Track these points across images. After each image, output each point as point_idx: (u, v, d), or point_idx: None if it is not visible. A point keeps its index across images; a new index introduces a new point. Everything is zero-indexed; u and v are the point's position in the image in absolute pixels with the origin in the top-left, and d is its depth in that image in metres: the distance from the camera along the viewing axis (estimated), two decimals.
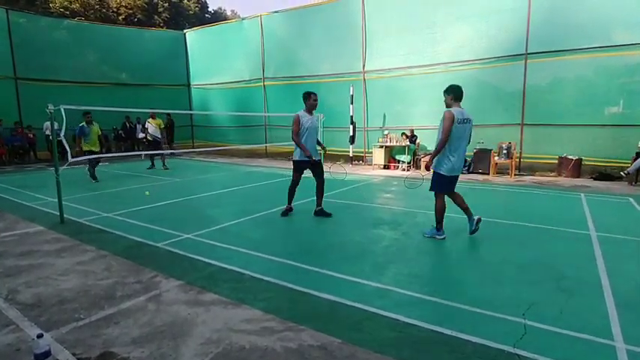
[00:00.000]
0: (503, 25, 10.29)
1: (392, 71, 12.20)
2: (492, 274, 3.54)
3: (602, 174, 9.14)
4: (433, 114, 11.70)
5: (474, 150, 10.34)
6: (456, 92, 4.52)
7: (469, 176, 9.91)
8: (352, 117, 12.02)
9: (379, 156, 11.74)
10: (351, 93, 12.04)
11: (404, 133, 11.49)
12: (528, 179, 9.37)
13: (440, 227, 4.61)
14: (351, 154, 12.71)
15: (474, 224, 4.57)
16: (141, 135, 13.47)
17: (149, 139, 11.11)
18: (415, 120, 11.86)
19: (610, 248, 4.21)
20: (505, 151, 9.65)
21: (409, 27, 11.69)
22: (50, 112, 5.19)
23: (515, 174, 9.89)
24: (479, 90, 10.97)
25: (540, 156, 10.31)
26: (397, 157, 11.76)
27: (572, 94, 9.76)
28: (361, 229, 5.03)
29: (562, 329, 2.56)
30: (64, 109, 5.35)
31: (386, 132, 12.09)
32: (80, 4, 28.10)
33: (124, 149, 14.70)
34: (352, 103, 12.05)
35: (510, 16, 10.15)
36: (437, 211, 4.58)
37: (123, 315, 2.82)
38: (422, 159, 11.12)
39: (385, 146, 11.58)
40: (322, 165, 5.82)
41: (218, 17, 36.47)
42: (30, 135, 13.64)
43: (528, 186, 8.39)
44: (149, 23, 29.59)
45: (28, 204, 6.68)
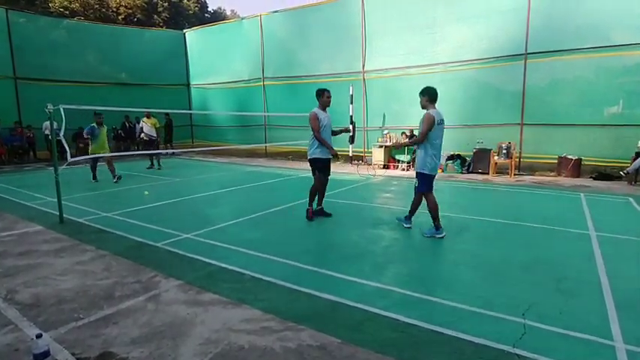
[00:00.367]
0: (502, 26, 10.28)
1: (391, 71, 12.19)
2: (492, 274, 3.53)
3: (601, 174, 9.14)
4: None
5: (474, 150, 10.34)
6: (432, 94, 4.64)
7: (469, 176, 9.92)
8: (352, 117, 12.02)
9: (379, 156, 11.74)
10: (351, 93, 12.03)
11: (404, 133, 11.48)
12: (528, 179, 9.37)
13: (438, 225, 4.66)
14: (351, 154, 12.71)
15: (407, 223, 5.01)
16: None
17: (145, 139, 11.14)
18: (415, 120, 11.73)
19: (610, 248, 4.21)
20: (505, 151, 9.65)
21: (409, 27, 11.68)
22: (49, 112, 5.18)
23: (514, 174, 9.88)
24: (478, 90, 10.99)
25: (540, 156, 10.31)
26: (397, 157, 11.76)
27: (571, 94, 9.76)
28: (361, 229, 5.03)
29: (562, 329, 2.56)
30: (64, 109, 5.34)
31: (385, 131, 12.09)
32: (80, 4, 28.07)
33: (124, 149, 14.68)
34: (352, 103, 12.05)
35: (510, 17, 10.15)
36: (431, 209, 4.67)
37: (122, 315, 2.82)
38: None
39: (385, 146, 11.58)
40: (330, 165, 5.69)
41: (218, 17, 36.46)
42: (29, 135, 13.63)
43: (528, 186, 8.39)
44: (149, 23, 29.57)
45: (28, 204, 6.67)
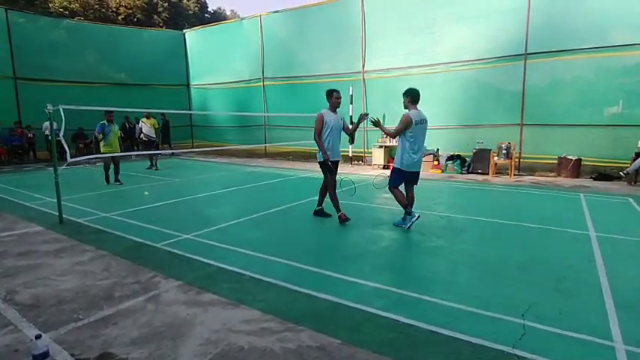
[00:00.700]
0: (502, 26, 10.29)
1: (391, 71, 12.19)
2: (491, 275, 3.54)
3: (601, 174, 9.15)
4: (433, 114, 11.67)
5: (474, 150, 10.35)
6: (413, 95, 4.85)
7: (468, 176, 9.92)
8: (352, 117, 12.01)
9: (379, 156, 11.74)
10: (351, 93, 12.04)
11: None
12: (528, 179, 9.37)
13: (409, 211, 4.94)
14: (351, 154, 12.71)
15: (409, 222, 4.94)
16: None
17: (143, 139, 11.14)
18: None
19: (609, 248, 4.21)
20: (504, 151, 9.65)
21: (409, 27, 11.69)
22: (49, 113, 5.18)
23: (514, 174, 9.89)
24: (478, 90, 10.99)
25: (540, 156, 10.31)
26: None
27: (571, 95, 9.77)
28: (360, 230, 5.03)
29: (561, 330, 2.56)
30: (63, 109, 5.34)
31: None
32: (79, 4, 28.07)
33: (125, 149, 14.66)
34: (352, 103, 12.05)
35: (510, 17, 10.15)
36: (398, 201, 5.01)
37: (122, 315, 2.82)
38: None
39: (385, 146, 11.58)
40: (338, 166, 5.61)
41: (218, 17, 36.46)
42: (29, 135, 13.62)
43: (528, 186, 8.39)
44: (148, 23, 29.57)
45: (27, 204, 6.67)
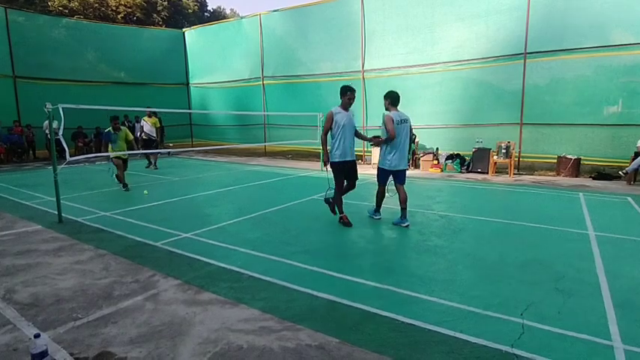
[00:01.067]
0: (502, 25, 10.28)
1: (391, 70, 12.18)
2: (490, 274, 3.54)
3: (600, 173, 9.15)
4: (432, 113, 11.72)
5: (473, 149, 10.35)
6: (393, 98, 5.08)
7: (468, 175, 9.92)
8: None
9: (378, 155, 11.71)
10: None
11: None
12: (527, 179, 9.37)
13: (378, 210, 5.50)
14: None
15: (402, 223, 5.10)
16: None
17: (144, 138, 11.09)
18: (414, 119, 11.77)
19: (608, 248, 4.22)
20: (504, 151, 9.65)
21: (408, 26, 11.68)
22: (48, 111, 5.17)
23: (514, 173, 9.89)
24: (478, 89, 10.99)
25: (539, 155, 10.32)
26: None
27: (570, 94, 9.76)
28: (360, 229, 5.03)
29: (560, 329, 2.56)
30: (62, 108, 5.33)
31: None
32: (79, 3, 28.04)
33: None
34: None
35: (509, 16, 10.14)
36: (377, 195, 5.45)
37: (121, 314, 2.82)
38: (421, 158, 11.13)
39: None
40: (356, 167, 5.34)
41: (217, 16, 36.44)
42: (29, 134, 13.61)
43: (527, 185, 8.40)
44: (148, 22, 29.56)
45: (26, 203, 6.67)
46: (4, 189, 8.04)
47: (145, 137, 11.07)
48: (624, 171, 8.45)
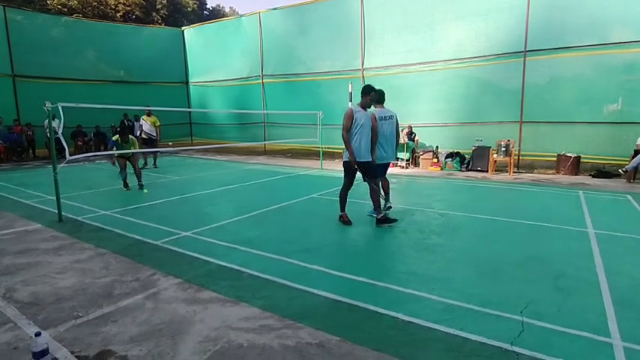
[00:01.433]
0: (502, 23, 10.27)
1: (390, 69, 12.17)
2: (490, 272, 3.54)
3: (600, 171, 9.15)
4: (432, 112, 11.72)
5: (473, 147, 10.35)
6: (378, 96, 5.36)
7: (468, 174, 9.92)
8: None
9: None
10: (350, 90, 11.99)
11: (403, 130, 11.47)
12: (527, 177, 9.37)
13: (376, 207, 5.35)
14: None
15: (372, 213, 5.29)
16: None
17: (144, 137, 10.99)
18: (414, 118, 11.86)
19: (608, 246, 4.22)
20: (504, 149, 9.65)
21: (408, 24, 11.66)
22: (47, 110, 5.17)
23: (513, 171, 9.89)
24: (478, 88, 10.98)
25: (539, 154, 10.32)
26: (397, 155, 11.77)
27: (570, 92, 9.75)
28: (359, 227, 5.03)
29: (560, 327, 2.57)
30: (62, 107, 5.32)
31: None
32: (78, 1, 27.97)
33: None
34: (351, 101, 12.00)
35: (509, 14, 10.13)
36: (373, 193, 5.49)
37: (121, 313, 2.82)
38: (421, 156, 11.13)
39: None
40: (373, 167, 5.14)
41: (216, 14, 36.40)
42: (29, 133, 13.59)
43: (527, 183, 8.40)
44: (147, 20, 29.52)
45: (26, 202, 6.66)
46: (4, 188, 8.03)
47: (145, 136, 11.03)
48: (624, 169, 8.45)
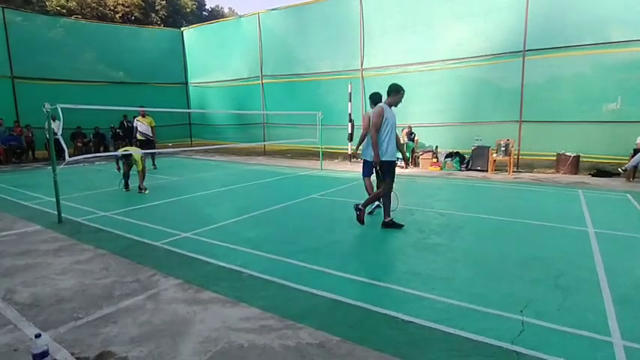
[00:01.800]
0: (501, 23, 10.28)
1: (390, 69, 12.17)
2: (490, 271, 3.54)
3: (600, 170, 9.15)
4: (431, 111, 11.72)
5: (472, 147, 10.35)
6: (378, 96, 5.64)
7: (467, 173, 9.92)
8: (350, 115, 12.01)
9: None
10: (350, 91, 12.02)
11: (403, 129, 11.48)
12: (526, 176, 9.38)
13: (367, 204, 5.37)
14: (350, 152, 12.71)
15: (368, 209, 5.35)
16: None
17: (140, 138, 10.85)
18: (414, 117, 11.86)
19: (607, 245, 4.22)
20: (503, 148, 9.65)
21: (407, 24, 11.67)
22: (47, 112, 5.16)
23: (513, 171, 9.89)
24: (477, 87, 10.99)
25: (538, 153, 10.32)
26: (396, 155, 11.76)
27: (570, 91, 9.77)
28: (359, 227, 5.03)
29: (560, 326, 2.57)
30: (61, 108, 5.31)
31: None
32: (77, 3, 27.97)
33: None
34: (350, 101, 12.03)
35: (508, 14, 10.14)
36: (368, 191, 5.65)
37: (121, 314, 2.82)
38: (420, 156, 11.13)
39: None
40: (387, 168, 4.94)
41: (215, 15, 36.40)
42: (28, 134, 13.59)
43: (526, 183, 8.40)
44: (146, 21, 29.51)
45: (26, 203, 6.66)
46: (4, 189, 8.02)
47: (142, 137, 10.91)
48: (623, 168, 8.45)
